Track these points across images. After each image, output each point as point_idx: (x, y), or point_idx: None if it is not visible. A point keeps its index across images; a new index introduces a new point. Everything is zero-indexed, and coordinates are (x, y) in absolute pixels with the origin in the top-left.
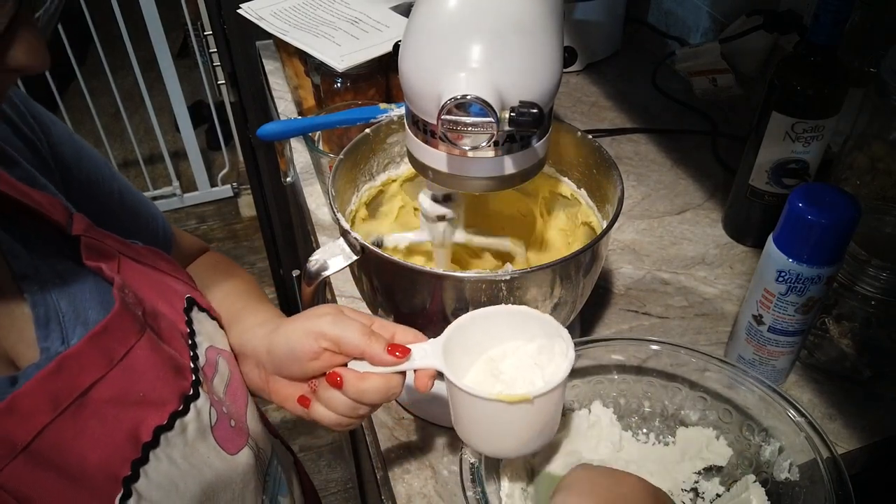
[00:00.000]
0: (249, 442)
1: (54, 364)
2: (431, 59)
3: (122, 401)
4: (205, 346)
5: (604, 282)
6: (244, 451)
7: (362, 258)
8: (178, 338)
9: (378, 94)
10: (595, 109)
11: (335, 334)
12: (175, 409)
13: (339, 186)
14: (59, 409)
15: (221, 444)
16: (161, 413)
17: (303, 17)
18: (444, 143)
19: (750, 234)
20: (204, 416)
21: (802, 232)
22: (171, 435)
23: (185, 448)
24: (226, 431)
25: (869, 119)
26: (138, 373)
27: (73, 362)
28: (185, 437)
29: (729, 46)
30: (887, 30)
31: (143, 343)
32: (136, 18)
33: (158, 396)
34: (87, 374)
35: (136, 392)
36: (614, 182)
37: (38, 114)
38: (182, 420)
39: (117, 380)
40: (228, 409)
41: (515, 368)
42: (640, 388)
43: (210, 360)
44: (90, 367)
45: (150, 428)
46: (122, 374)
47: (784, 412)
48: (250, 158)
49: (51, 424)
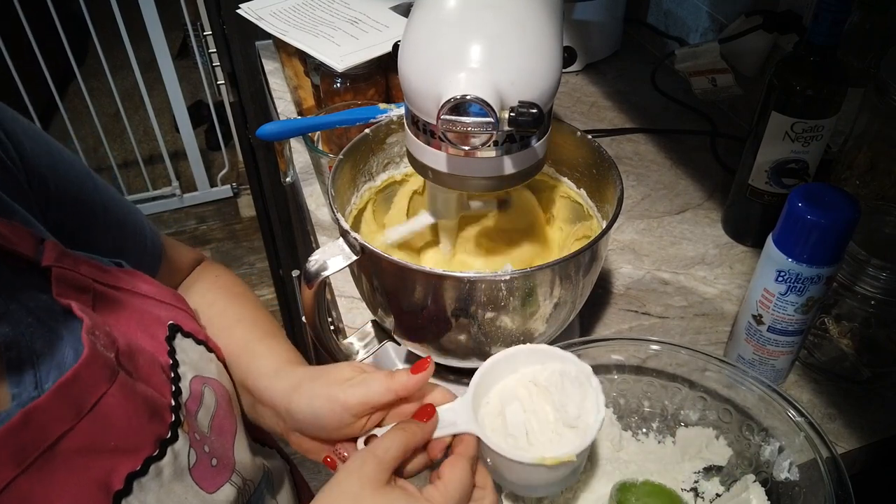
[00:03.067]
0: (233, 477)
1: (19, 417)
2: (431, 59)
3: (92, 450)
4: (189, 378)
5: (603, 282)
6: (224, 488)
7: (362, 258)
8: (159, 373)
9: (378, 94)
10: (595, 109)
11: (360, 403)
12: (150, 454)
13: (338, 186)
14: (25, 463)
15: (199, 484)
16: (134, 459)
17: (302, 17)
18: (444, 143)
19: (749, 234)
20: (182, 459)
21: (802, 232)
22: (144, 480)
23: (159, 491)
24: (205, 471)
25: (868, 119)
26: (110, 421)
27: (41, 415)
28: (160, 479)
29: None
30: (887, 30)
31: (115, 390)
32: (135, 18)
33: (132, 443)
34: (55, 427)
35: (108, 441)
36: (614, 182)
37: (10, 128)
38: (157, 464)
39: (87, 430)
40: (212, 445)
41: (527, 402)
42: (640, 388)
43: (195, 393)
44: (58, 419)
45: (122, 475)
46: (92, 423)
47: (784, 412)
48: (250, 159)
49: (15, 480)
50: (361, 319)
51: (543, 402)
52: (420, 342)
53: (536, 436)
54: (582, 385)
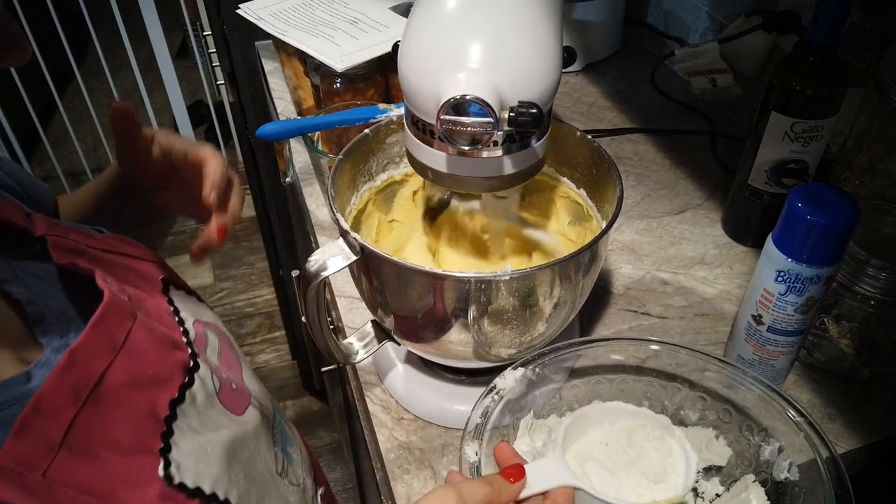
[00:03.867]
0: (252, 401)
1: (66, 358)
2: (431, 59)
3: (133, 383)
4: (190, 321)
5: (603, 282)
6: (250, 410)
7: (362, 258)
8: (166, 317)
9: (377, 94)
10: (594, 109)
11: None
12: (182, 381)
13: (338, 187)
14: (81, 400)
15: (228, 408)
16: (171, 388)
17: (302, 18)
18: (444, 144)
19: (749, 234)
20: (208, 384)
21: (801, 232)
22: (184, 406)
23: (198, 416)
24: (229, 395)
25: (868, 119)
26: (141, 354)
27: (83, 353)
28: (196, 406)
29: (728, 46)
30: (887, 30)
31: (139, 325)
32: (135, 18)
33: (164, 373)
34: (97, 364)
35: (145, 372)
36: (613, 182)
37: None
38: (191, 391)
39: (124, 364)
40: (227, 374)
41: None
42: (640, 388)
43: (199, 334)
44: (98, 356)
45: (165, 403)
46: (128, 357)
47: (783, 412)
48: (249, 159)
49: (77, 417)
50: (361, 319)
51: (622, 459)
52: (420, 342)
53: (623, 492)
54: (661, 437)
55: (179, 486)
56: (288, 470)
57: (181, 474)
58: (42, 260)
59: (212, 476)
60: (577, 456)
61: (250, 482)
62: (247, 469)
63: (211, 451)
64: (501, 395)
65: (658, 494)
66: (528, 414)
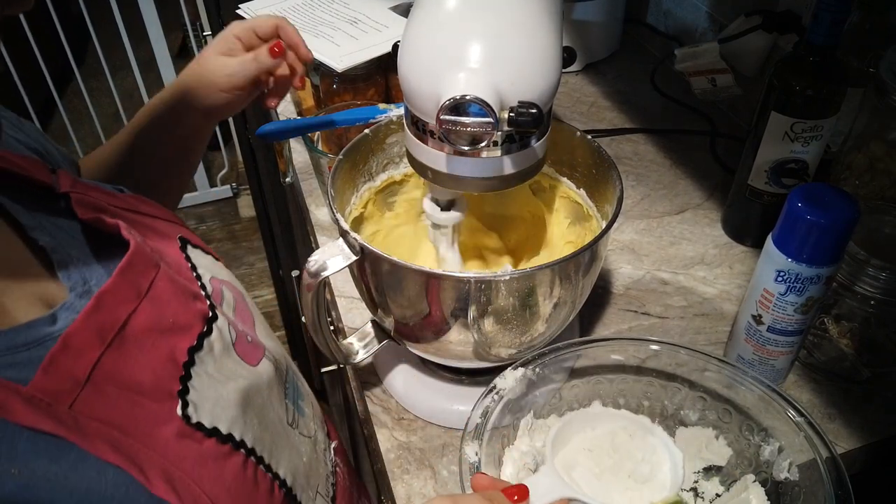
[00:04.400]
0: (266, 353)
1: (94, 301)
2: (430, 59)
3: (156, 329)
4: (208, 277)
5: (603, 282)
6: (263, 362)
7: (362, 258)
8: (185, 271)
9: (377, 94)
10: (594, 110)
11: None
12: (201, 330)
13: (338, 187)
14: (106, 341)
15: (243, 358)
16: (190, 336)
17: (302, 18)
18: (444, 144)
19: (749, 234)
20: (225, 334)
21: (801, 232)
22: (202, 354)
23: (215, 364)
24: (244, 346)
25: (868, 119)
26: (163, 301)
27: (109, 297)
28: (213, 354)
29: (728, 46)
30: (887, 30)
31: (162, 275)
32: (135, 18)
33: (185, 321)
34: (123, 307)
35: (166, 319)
36: (613, 182)
37: None
38: (209, 340)
39: (147, 310)
40: (242, 328)
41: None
42: (640, 388)
43: (216, 289)
44: (124, 301)
45: (184, 350)
46: (151, 304)
47: (783, 412)
48: (249, 159)
49: (102, 357)
50: (361, 319)
51: (608, 464)
52: (420, 342)
53: (613, 496)
54: (643, 437)
55: (197, 425)
56: (299, 422)
57: (198, 415)
58: (66, 217)
59: (228, 419)
60: (564, 465)
61: (263, 429)
62: (260, 416)
63: (227, 396)
64: (501, 395)
65: (648, 495)
66: (528, 414)
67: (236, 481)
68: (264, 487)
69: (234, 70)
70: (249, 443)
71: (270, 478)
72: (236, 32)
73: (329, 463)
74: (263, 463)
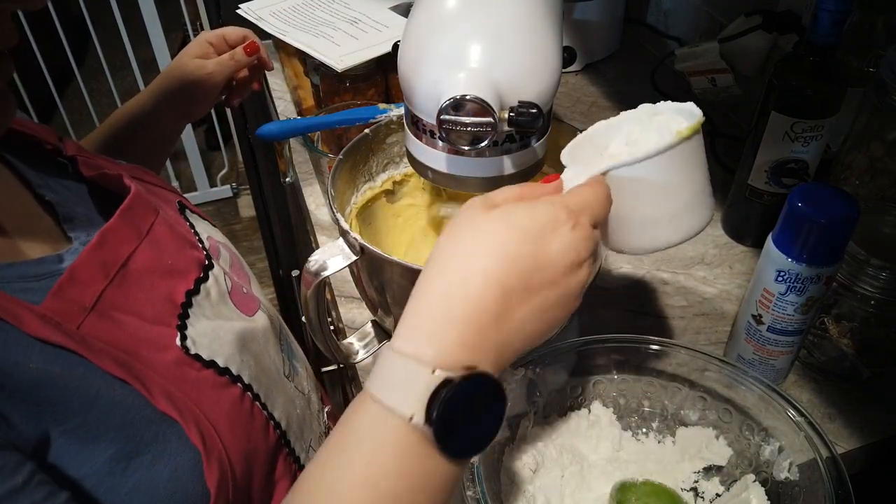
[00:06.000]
0: (262, 307)
1: (97, 237)
2: (430, 59)
3: (154, 270)
4: (205, 235)
5: (603, 282)
6: (259, 314)
7: (362, 258)
8: (183, 225)
9: (377, 94)
10: (594, 109)
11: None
12: (198, 276)
13: (338, 187)
14: (109, 276)
15: (239, 307)
16: (187, 280)
17: (302, 18)
18: (444, 143)
19: (749, 234)
20: (221, 283)
21: (802, 232)
22: (198, 298)
23: (212, 308)
24: (240, 296)
25: (868, 119)
26: (162, 244)
27: (112, 235)
28: (209, 300)
29: (728, 46)
30: (887, 30)
31: (161, 220)
32: (135, 18)
33: (182, 266)
34: (124, 247)
35: (165, 262)
36: None
37: None
38: (205, 285)
39: (147, 251)
40: (238, 280)
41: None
42: (640, 387)
43: (213, 246)
44: (125, 240)
45: (182, 292)
46: (150, 245)
47: (783, 412)
48: (249, 159)
49: (106, 290)
50: (361, 319)
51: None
52: None
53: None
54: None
55: (195, 356)
56: (293, 377)
57: (196, 347)
58: (73, 179)
59: (224, 354)
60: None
61: (260, 371)
62: (257, 360)
63: (224, 335)
64: None
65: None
66: (528, 414)
67: (234, 410)
68: (260, 422)
69: (212, 69)
70: (246, 379)
71: (266, 416)
72: (208, 38)
73: (322, 424)
74: (259, 401)
